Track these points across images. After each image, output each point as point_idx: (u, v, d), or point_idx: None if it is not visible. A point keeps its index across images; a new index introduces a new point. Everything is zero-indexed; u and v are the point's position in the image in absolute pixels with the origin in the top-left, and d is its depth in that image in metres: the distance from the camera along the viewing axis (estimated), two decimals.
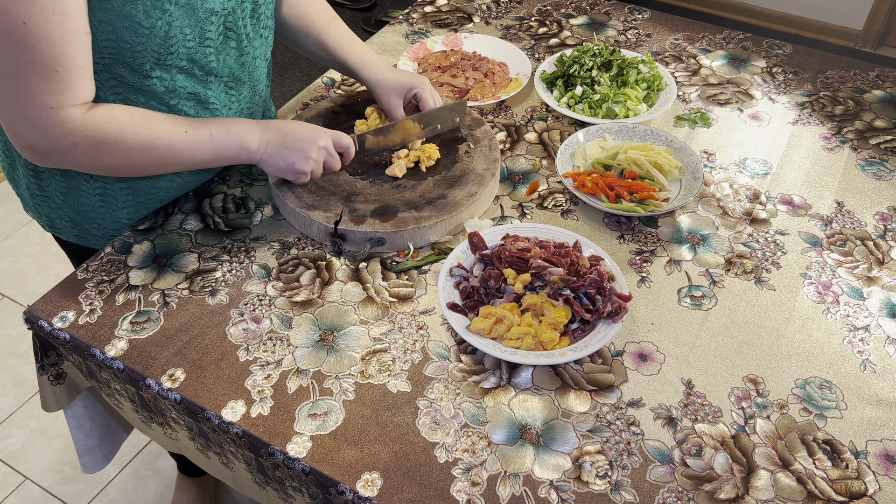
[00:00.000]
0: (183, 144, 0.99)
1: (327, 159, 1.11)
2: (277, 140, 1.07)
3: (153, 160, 0.98)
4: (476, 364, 0.97)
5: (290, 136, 1.07)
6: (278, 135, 1.07)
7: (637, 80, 1.42)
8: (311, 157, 1.08)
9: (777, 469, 0.87)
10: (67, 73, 0.86)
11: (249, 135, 1.05)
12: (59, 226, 1.17)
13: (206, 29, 0.98)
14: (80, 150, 0.91)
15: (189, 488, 1.74)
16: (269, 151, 1.07)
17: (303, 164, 1.08)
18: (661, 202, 1.18)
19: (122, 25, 0.90)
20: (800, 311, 1.05)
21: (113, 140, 0.93)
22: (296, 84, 3.16)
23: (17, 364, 2.10)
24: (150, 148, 0.96)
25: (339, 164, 1.13)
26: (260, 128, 1.06)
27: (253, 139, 1.05)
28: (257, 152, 1.06)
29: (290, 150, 1.07)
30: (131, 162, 0.97)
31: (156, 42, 0.93)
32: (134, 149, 0.95)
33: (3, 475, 1.85)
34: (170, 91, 1.01)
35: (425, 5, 1.76)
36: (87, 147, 0.92)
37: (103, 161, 0.95)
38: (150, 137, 0.96)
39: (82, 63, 0.88)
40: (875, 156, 1.32)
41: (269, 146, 1.07)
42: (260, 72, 1.14)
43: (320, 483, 0.86)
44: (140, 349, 0.98)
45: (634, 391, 0.95)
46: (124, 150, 0.94)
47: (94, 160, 0.94)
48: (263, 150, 1.06)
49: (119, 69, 0.96)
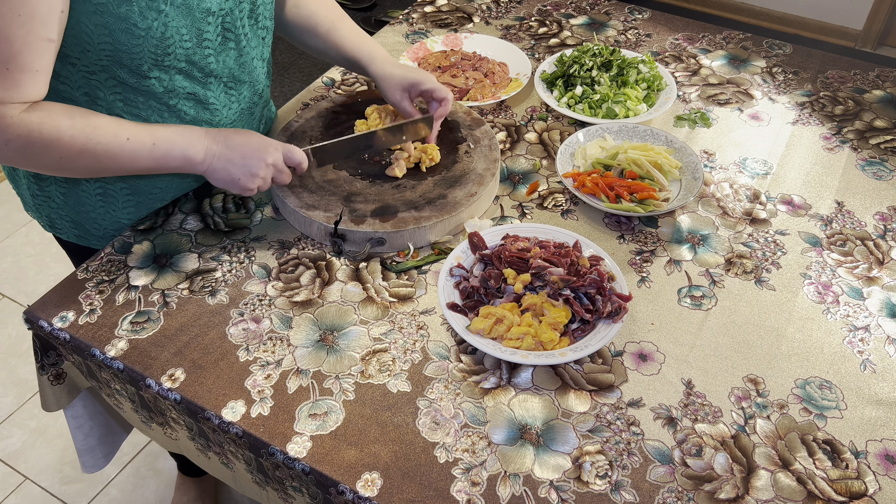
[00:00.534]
0: (123, 152, 0.96)
1: (276, 175, 1.06)
2: (224, 154, 1.02)
3: (90, 164, 0.96)
4: (476, 364, 0.97)
5: (238, 151, 1.03)
6: (226, 148, 1.02)
7: (637, 80, 1.41)
8: (258, 174, 1.03)
9: (777, 469, 0.87)
10: (19, 73, 0.86)
11: (195, 146, 1.01)
12: (60, 226, 1.17)
13: (204, 30, 0.98)
14: (13, 147, 0.90)
15: (189, 488, 1.74)
16: (215, 165, 1.02)
17: (248, 181, 1.03)
18: (661, 202, 1.18)
19: (118, 28, 0.90)
20: (800, 311, 1.05)
21: (48, 141, 0.91)
22: (296, 84, 3.16)
23: (17, 364, 2.10)
24: (87, 152, 0.94)
25: (288, 179, 1.08)
26: (208, 139, 1.02)
27: (198, 151, 1.01)
28: (202, 164, 1.02)
29: (237, 165, 1.02)
30: (66, 164, 0.94)
31: (152, 43, 0.93)
32: (70, 152, 0.93)
33: (3, 475, 1.85)
34: (169, 91, 1.01)
35: (425, 5, 1.76)
36: (20, 145, 0.90)
37: (36, 161, 0.93)
38: (89, 142, 0.93)
39: (38, 67, 0.87)
40: (875, 156, 1.32)
41: (215, 159, 1.02)
42: (259, 72, 1.14)
43: (320, 483, 0.86)
44: (140, 349, 0.98)
45: (634, 391, 0.95)
46: (59, 152, 0.92)
47: (27, 159, 0.92)
48: (209, 162, 1.02)
49: (117, 70, 0.96)
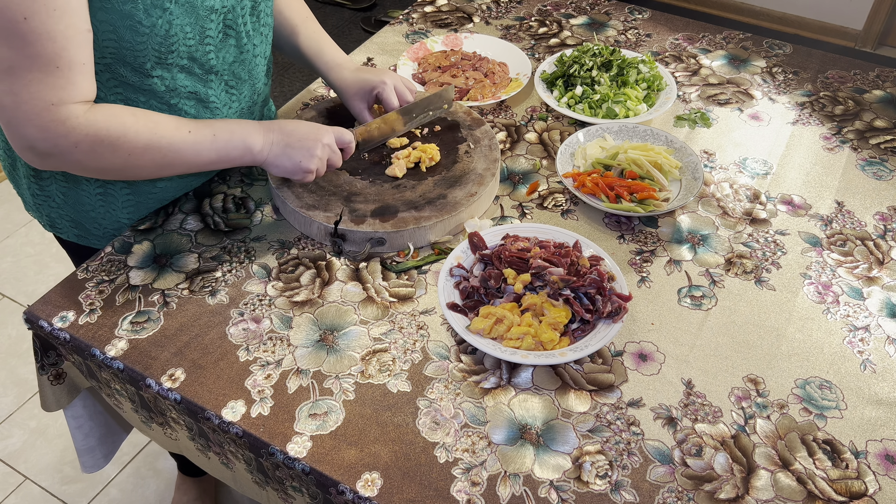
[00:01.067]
0: (186, 144, 0.98)
1: (330, 156, 1.09)
2: (282, 140, 1.05)
3: (156, 160, 0.97)
4: (476, 364, 0.97)
5: (294, 136, 1.06)
6: (282, 135, 1.06)
7: (637, 80, 1.41)
8: (317, 154, 1.06)
9: (777, 469, 0.87)
10: (69, 70, 0.85)
11: (253, 136, 1.04)
12: (60, 225, 1.17)
13: (206, 27, 0.98)
14: (82, 149, 0.90)
15: (189, 488, 1.74)
16: (275, 151, 1.05)
17: (309, 162, 1.06)
18: (661, 202, 1.18)
19: (123, 25, 0.90)
20: (800, 311, 1.05)
21: (115, 139, 0.92)
22: (296, 84, 3.16)
23: (17, 364, 2.10)
24: (153, 147, 0.95)
25: (340, 161, 1.11)
26: (263, 128, 1.05)
27: (257, 140, 1.04)
28: (261, 153, 1.05)
29: (296, 149, 1.05)
30: (134, 162, 0.95)
31: (156, 41, 0.93)
32: (137, 148, 0.94)
33: (3, 475, 1.85)
34: (170, 90, 1.01)
35: (425, 5, 1.76)
36: (89, 146, 0.90)
37: (106, 161, 0.93)
38: (154, 137, 0.94)
39: (84, 60, 0.87)
40: (875, 156, 1.32)
41: (274, 146, 1.05)
42: (259, 70, 1.14)
43: (320, 483, 0.86)
44: (140, 349, 0.98)
45: (634, 391, 0.95)
46: (127, 150, 0.93)
47: (96, 160, 0.93)
48: (268, 150, 1.05)
49: (120, 68, 0.96)
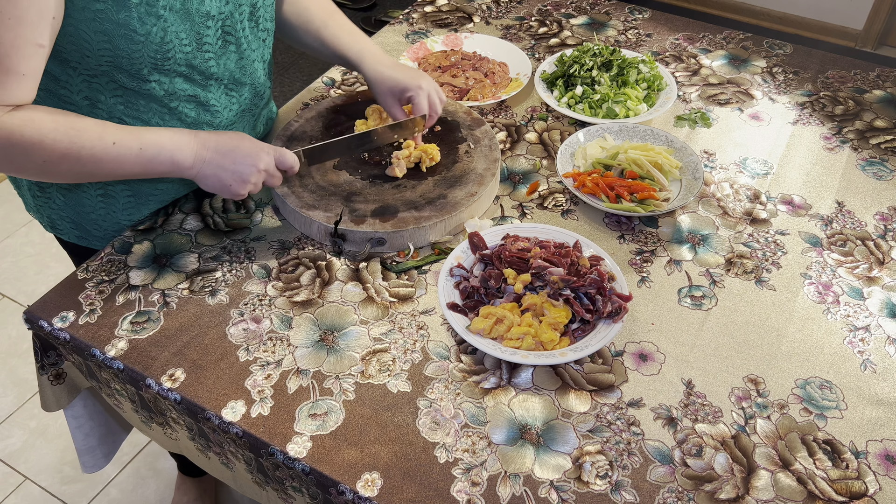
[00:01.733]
0: (108, 156, 0.94)
1: (267, 179, 1.05)
2: (214, 160, 1.00)
3: (74, 169, 0.93)
4: (476, 364, 0.97)
5: (229, 157, 1.01)
6: (216, 154, 1.00)
7: (637, 80, 1.41)
8: (250, 180, 1.02)
9: (777, 469, 0.87)
10: (5, 76, 0.85)
11: (183, 151, 0.98)
12: (61, 226, 1.17)
13: (203, 34, 0.98)
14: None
15: (189, 488, 1.74)
16: (205, 171, 1.00)
17: (239, 187, 1.02)
18: (662, 202, 1.18)
19: (118, 34, 0.90)
20: (800, 311, 1.05)
21: (30, 144, 0.89)
22: (296, 84, 3.16)
23: (17, 364, 2.10)
24: (70, 156, 0.92)
25: (279, 182, 1.07)
26: (197, 144, 1.00)
27: (186, 157, 0.99)
28: (191, 169, 1.00)
29: (227, 171, 1.01)
30: (50, 168, 0.92)
31: (152, 48, 0.93)
32: (53, 156, 0.91)
33: (3, 475, 1.85)
34: (169, 94, 1.01)
35: (425, 5, 1.76)
36: (0, 148, 0.88)
37: (18, 165, 0.91)
38: (73, 146, 0.91)
39: (24, 71, 0.86)
40: (875, 156, 1.32)
41: (205, 165, 1.00)
42: (259, 73, 1.14)
43: (320, 483, 0.86)
44: (140, 349, 0.98)
45: (634, 391, 0.95)
46: (42, 156, 0.90)
47: (8, 162, 0.91)
48: (199, 168, 1.00)
49: (117, 75, 0.96)
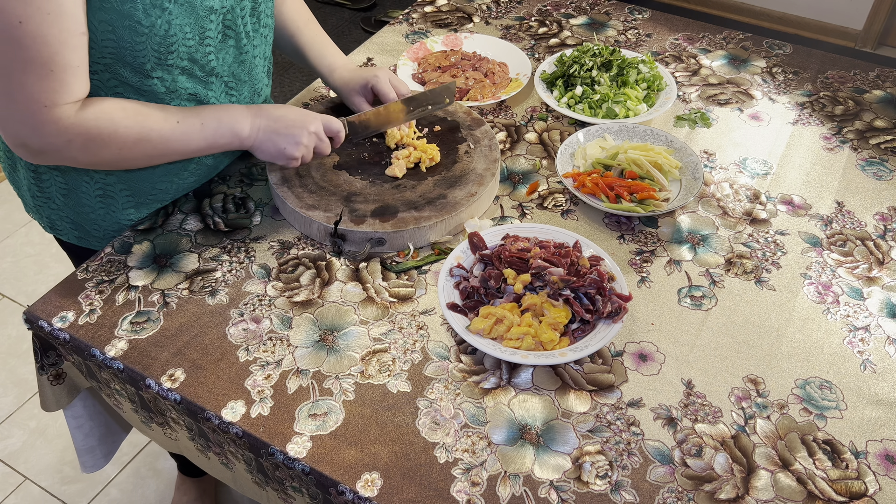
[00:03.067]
0: (175, 135, 0.99)
1: (318, 144, 1.10)
2: (268, 126, 1.07)
3: (147, 152, 0.99)
4: (476, 364, 0.97)
5: (281, 122, 1.07)
6: (269, 120, 1.07)
7: (637, 80, 1.41)
8: (302, 142, 1.08)
9: (777, 469, 0.87)
10: (63, 72, 0.87)
11: (240, 121, 1.05)
12: (60, 227, 1.17)
13: (206, 27, 0.98)
14: (75, 146, 0.92)
15: (189, 488, 1.74)
16: (261, 137, 1.07)
17: (293, 149, 1.07)
18: (661, 202, 1.18)
19: (122, 25, 0.90)
20: (800, 311, 1.05)
21: (107, 135, 0.94)
22: (296, 84, 3.16)
23: (17, 364, 2.10)
24: (143, 140, 0.97)
25: (328, 149, 1.13)
26: (251, 113, 1.06)
27: (244, 126, 1.05)
28: (249, 138, 1.06)
29: (281, 135, 1.07)
30: (126, 154, 0.97)
31: (156, 41, 0.93)
32: (128, 142, 0.96)
33: (3, 475, 1.85)
34: (170, 91, 1.01)
35: (425, 5, 1.76)
36: (82, 143, 0.92)
37: (98, 156, 0.96)
38: (143, 130, 0.96)
39: (77, 63, 0.88)
40: (875, 156, 1.32)
41: (261, 132, 1.06)
42: (259, 71, 1.14)
43: (320, 483, 0.86)
44: (140, 349, 0.98)
45: (634, 391, 0.95)
46: (118, 144, 0.95)
47: (88, 155, 0.95)
48: (255, 136, 1.06)
49: (120, 69, 0.96)
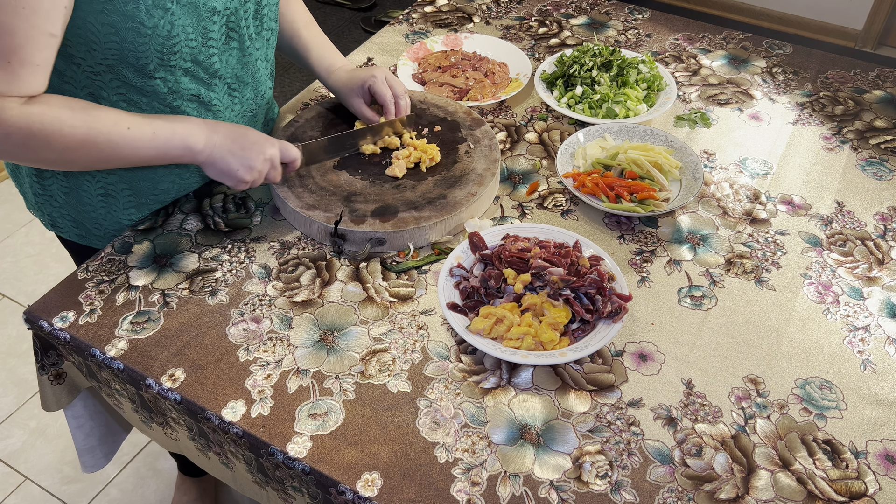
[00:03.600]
0: (124, 140, 0.95)
1: (269, 170, 1.07)
2: (224, 145, 1.02)
3: (91, 156, 0.95)
4: (476, 364, 0.97)
5: (237, 143, 1.03)
6: (226, 139, 1.03)
7: (637, 80, 1.41)
8: (256, 167, 1.04)
9: (777, 469, 0.87)
10: (20, 67, 0.85)
11: (195, 135, 1.01)
12: (62, 225, 1.17)
13: (209, 28, 0.98)
14: (13, 140, 0.89)
15: (189, 488, 1.74)
16: (214, 155, 1.02)
17: (245, 173, 1.03)
18: (661, 202, 1.18)
19: (125, 26, 0.90)
20: (800, 311, 1.05)
21: (49, 133, 0.90)
22: (296, 84, 3.16)
23: (17, 364, 2.10)
24: (88, 143, 0.93)
25: (279, 177, 1.09)
26: (208, 129, 1.02)
27: (199, 140, 1.01)
28: (202, 154, 1.02)
29: (236, 156, 1.03)
30: (68, 156, 0.93)
31: (158, 42, 0.93)
32: (72, 143, 0.92)
33: (3, 475, 1.85)
34: (173, 92, 1.01)
35: (425, 5, 1.76)
36: (22, 138, 0.89)
37: (38, 154, 0.92)
38: (90, 133, 0.92)
39: (39, 62, 0.87)
40: (875, 156, 1.32)
41: (216, 149, 1.02)
42: (262, 73, 1.14)
43: (320, 483, 0.86)
44: (140, 349, 0.98)
45: (634, 391, 0.95)
46: (61, 144, 0.91)
47: (27, 152, 0.91)
48: (209, 152, 1.02)
49: (123, 70, 0.96)
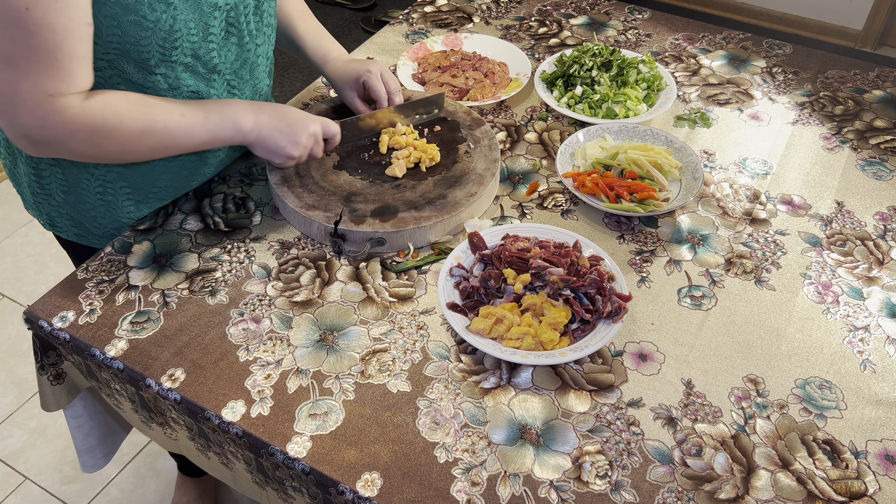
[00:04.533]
0: (179, 128, 0.99)
1: (314, 146, 1.12)
2: (270, 123, 1.07)
3: (151, 145, 0.98)
4: (476, 364, 0.97)
5: (283, 120, 1.08)
6: (271, 118, 1.08)
7: (637, 80, 1.41)
8: (301, 142, 1.09)
9: (777, 469, 0.87)
10: (68, 62, 0.86)
11: (243, 115, 1.05)
12: (60, 224, 1.17)
13: (210, 23, 0.99)
14: (79, 137, 0.92)
15: (189, 488, 1.74)
16: (263, 134, 1.07)
17: (292, 148, 1.09)
18: (661, 202, 1.18)
19: (127, 19, 0.91)
20: (800, 311, 1.05)
21: (112, 127, 0.93)
22: (296, 84, 3.16)
23: (17, 364, 2.10)
24: (147, 133, 0.97)
25: (321, 152, 1.15)
26: (253, 109, 1.07)
27: (247, 120, 1.05)
28: (251, 133, 1.06)
29: (283, 133, 1.08)
30: (130, 147, 0.97)
31: (160, 36, 0.93)
32: (132, 134, 0.95)
33: (3, 475, 1.85)
34: (173, 88, 1.01)
35: (425, 5, 1.76)
36: (86, 134, 0.92)
37: (102, 148, 0.95)
38: (148, 122, 0.96)
39: (83, 53, 0.88)
40: (875, 156, 1.32)
41: (263, 128, 1.07)
42: (261, 70, 1.14)
43: (320, 483, 0.86)
44: (140, 349, 0.98)
45: (634, 391, 0.95)
46: (122, 136, 0.95)
47: (92, 147, 0.94)
48: (257, 132, 1.07)
49: (124, 64, 0.96)
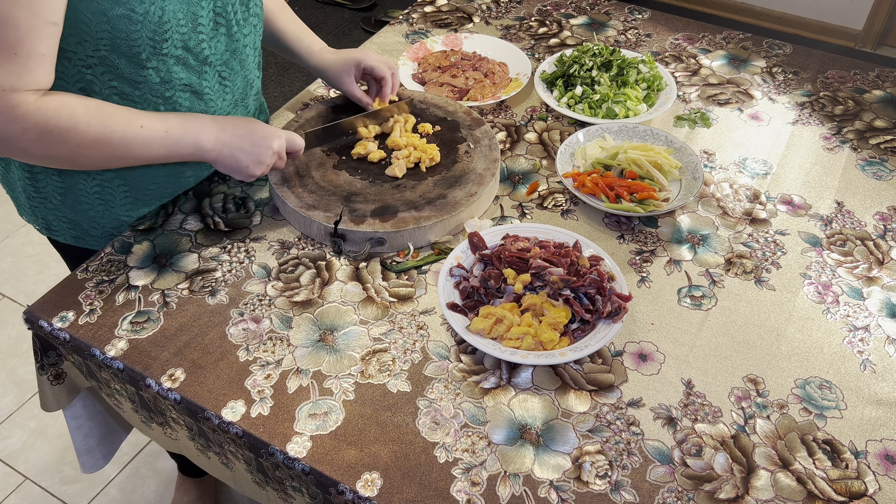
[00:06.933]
0: (137, 140, 0.96)
1: (276, 161, 1.10)
2: (233, 142, 1.05)
3: (105, 153, 0.95)
4: (476, 364, 0.97)
5: (246, 139, 1.05)
6: (234, 136, 1.05)
7: (637, 80, 1.41)
8: (265, 161, 1.07)
9: (777, 469, 0.87)
10: (27, 58, 0.85)
11: (205, 133, 1.03)
12: (56, 227, 1.16)
13: (198, 14, 0.99)
14: (30, 136, 0.89)
15: (189, 488, 1.74)
16: (224, 153, 1.05)
17: (255, 168, 1.06)
18: (661, 202, 1.18)
19: (116, 14, 0.90)
20: (800, 311, 1.05)
21: (65, 129, 0.90)
22: (296, 84, 3.16)
23: (17, 364, 2.10)
24: (102, 141, 0.94)
25: (283, 165, 1.13)
26: (216, 127, 1.04)
27: (208, 138, 1.03)
28: (211, 152, 1.04)
29: (245, 152, 1.05)
30: (82, 153, 0.94)
31: (150, 28, 0.93)
32: (86, 140, 0.92)
33: (3, 475, 1.85)
34: (165, 82, 1.01)
35: (425, 5, 1.76)
36: (37, 134, 0.89)
37: (53, 151, 0.92)
38: (105, 130, 0.93)
39: (43, 51, 0.86)
40: (875, 156, 1.32)
41: (224, 147, 1.04)
42: (250, 60, 1.15)
43: (320, 483, 0.86)
44: (140, 349, 0.98)
45: (634, 391, 0.95)
46: (76, 141, 0.92)
47: (43, 149, 0.91)
48: (218, 150, 1.04)
49: (115, 60, 0.96)
